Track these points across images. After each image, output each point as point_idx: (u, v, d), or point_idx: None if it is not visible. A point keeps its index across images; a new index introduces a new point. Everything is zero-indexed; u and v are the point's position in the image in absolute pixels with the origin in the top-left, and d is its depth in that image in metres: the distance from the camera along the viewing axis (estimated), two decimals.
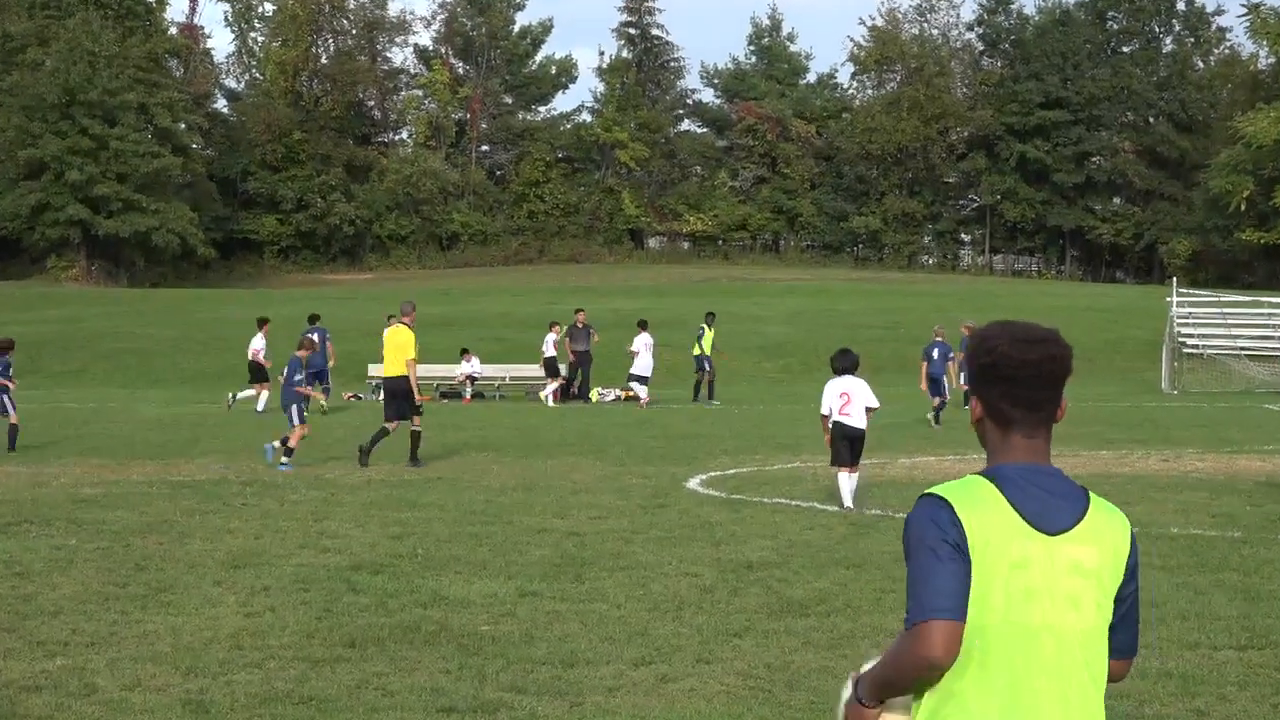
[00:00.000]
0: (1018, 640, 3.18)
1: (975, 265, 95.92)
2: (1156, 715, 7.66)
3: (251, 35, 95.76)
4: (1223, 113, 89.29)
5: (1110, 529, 3.29)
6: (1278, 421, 29.23)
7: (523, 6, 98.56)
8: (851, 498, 15.48)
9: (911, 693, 3.27)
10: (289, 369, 21.06)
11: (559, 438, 24.79)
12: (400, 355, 20.24)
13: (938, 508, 3.21)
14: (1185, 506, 15.47)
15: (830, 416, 15.56)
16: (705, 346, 35.55)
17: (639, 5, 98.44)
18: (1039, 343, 3.31)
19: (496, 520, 14.48)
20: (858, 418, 15.53)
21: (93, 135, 75.81)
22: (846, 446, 15.48)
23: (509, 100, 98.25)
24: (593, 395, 36.54)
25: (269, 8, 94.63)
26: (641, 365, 34.75)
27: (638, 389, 34.75)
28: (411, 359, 20.15)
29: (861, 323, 51.67)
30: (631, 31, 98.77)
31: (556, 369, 36.18)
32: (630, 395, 35.17)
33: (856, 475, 15.65)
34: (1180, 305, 44.58)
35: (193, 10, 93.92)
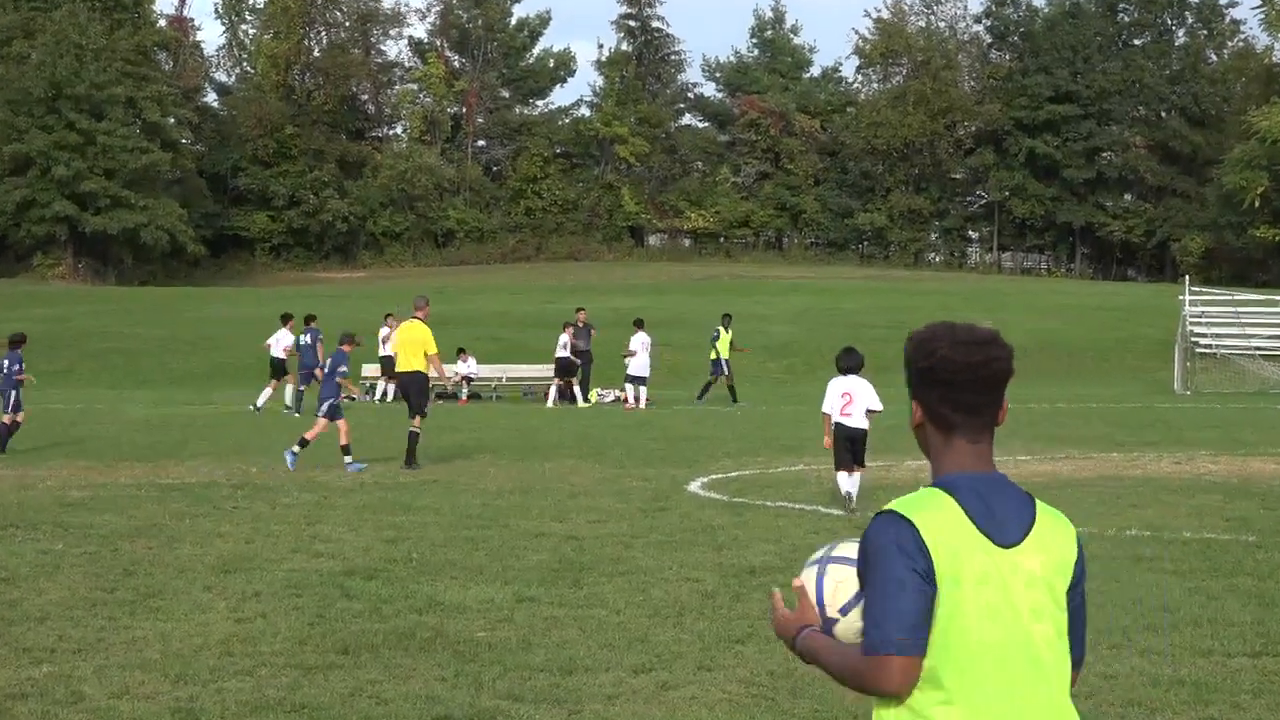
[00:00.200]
0: (985, 658, 3.18)
1: (983, 263, 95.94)
2: None
3: (242, 27, 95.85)
4: (1236, 107, 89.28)
5: (1057, 536, 3.31)
6: None
7: None
8: (854, 498, 15.56)
9: None
10: (333, 362, 21.08)
11: (557, 439, 24.79)
12: (416, 350, 20.67)
13: (901, 528, 3.19)
14: (1198, 510, 15.47)
15: (832, 416, 15.66)
16: (722, 349, 35.70)
17: None
18: (980, 345, 3.31)
19: (493, 524, 14.48)
20: (859, 418, 15.67)
21: (80, 130, 75.81)
22: (847, 448, 15.57)
23: (506, 94, 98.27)
24: (591, 396, 36.54)
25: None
26: (639, 365, 34.75)
27: (630, 390, 34.73)
28: (434, 353, 20.77)
29: (867, 322, 51.67)
30: (631, 24, 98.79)
31: (570, 369, 36.24)
32: (629, 397, 35.08)
33: (859, 475, 15.75)
34: (1193, 304, 44.59)
35: (182, 2, 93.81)
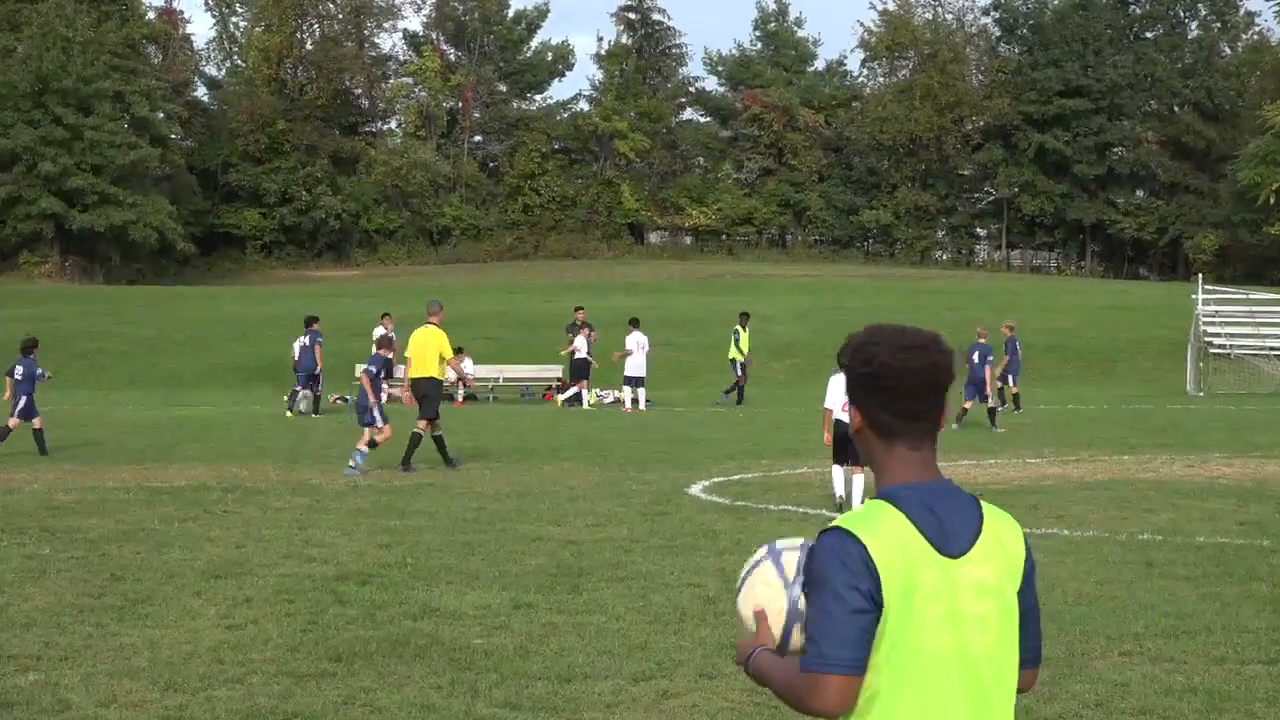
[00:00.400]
0: (932, 671, 3.19)
1: (991, 261, 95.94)
2: None
3: (233, 20, 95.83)
4: (1251, 101, 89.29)
5: (1006, 540, 3.32)
6: None
7: None
8: (860, 498, 15.66)
9: None
10: (370, 364, 21.23)
11: (555, 442, 24.80)
12: (432, 355, 21.02)
13: (848, 546, 3.19)
14: (1211, 514, 15.47)
15: (834, 411, 15.80)
16: (744, 349, 35.87)
17: None
18: (920, 350, 3.31)
19: (490, 528, 14.48)
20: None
21: (67, 125, 75.79)
22: (847, 445, 15.65)
23: (503, 88, 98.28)
24: (590, 397, 36.55)
25: None
26: (635, 366, 34.75)
27: (628, 392, 34.73)
28: (451, 358, 21.43)
29: (872, 321, 51.56)
30: (631, 16, 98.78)
31: (587, 371, 36.30)
32: (633, 399, 35.03)
33: (861, 476, 15.82)
34: (1206, 303, 44.58)
35: None
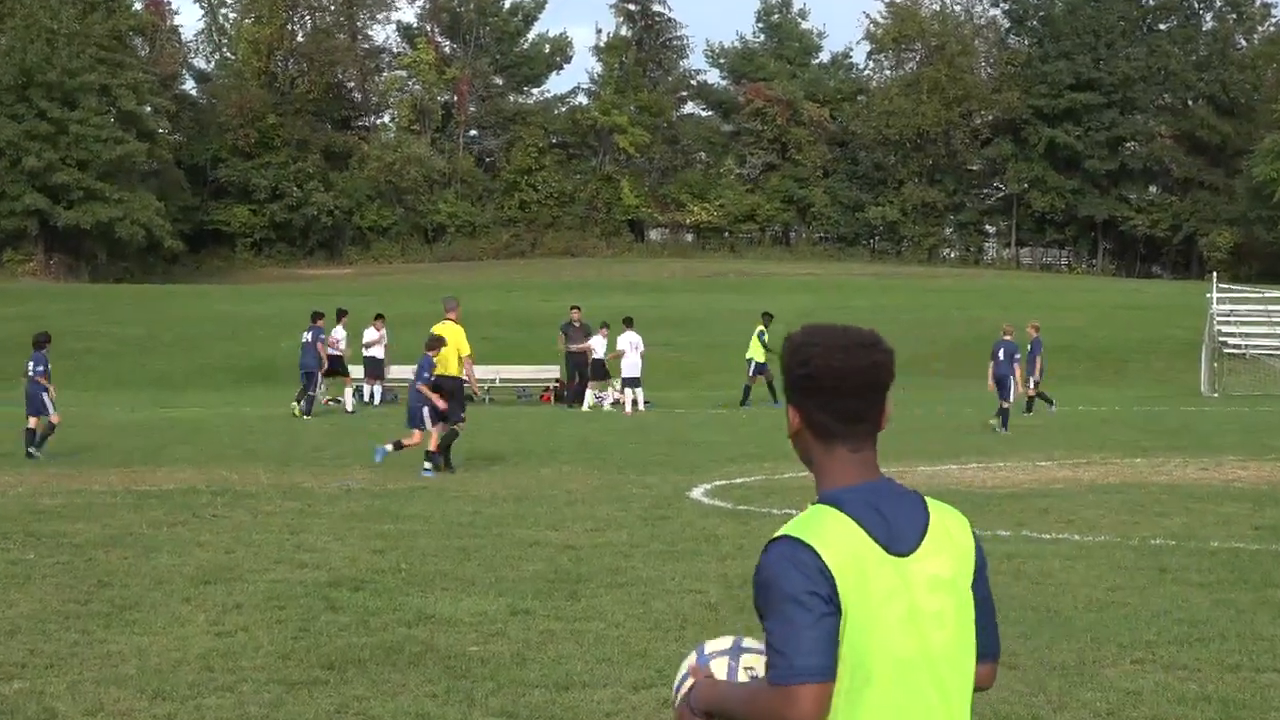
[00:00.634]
0: (897, 673, 3.21)
1: (1000, 259, 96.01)
2: None
3: (222, 11, 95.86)
4: (1267, 95, 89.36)
5: (955, 533, 3.35)
6: None
7: None
8: None
9: None
10: (420, 368, 21.06)
11: (553, 444, 24.81)
12: (450, 352, 21.01)
13: (801, 553, 3.19)
14: (1226, 518, 15.48)
15: None
16: (755, 350, 35.92)
17: None
18: (859, 349, 3.31)
19: (486, 533, 14.49)
20: None
21: (51, 119, 75.82)
22: None
23: (499, 81, 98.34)
24: (590, 399, 36.54)
25: None
26: (630, 366, 34.77)
27: (628, 394, 34.74)
28: (468, 355, 21.30)
29: (879, 321, 51.38)
30: (631, 7, 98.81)
31: (604, 372, 36.31)
32: (635, 400, 35.00)
33: None
34: (1221, 302, 44.57)
35: None
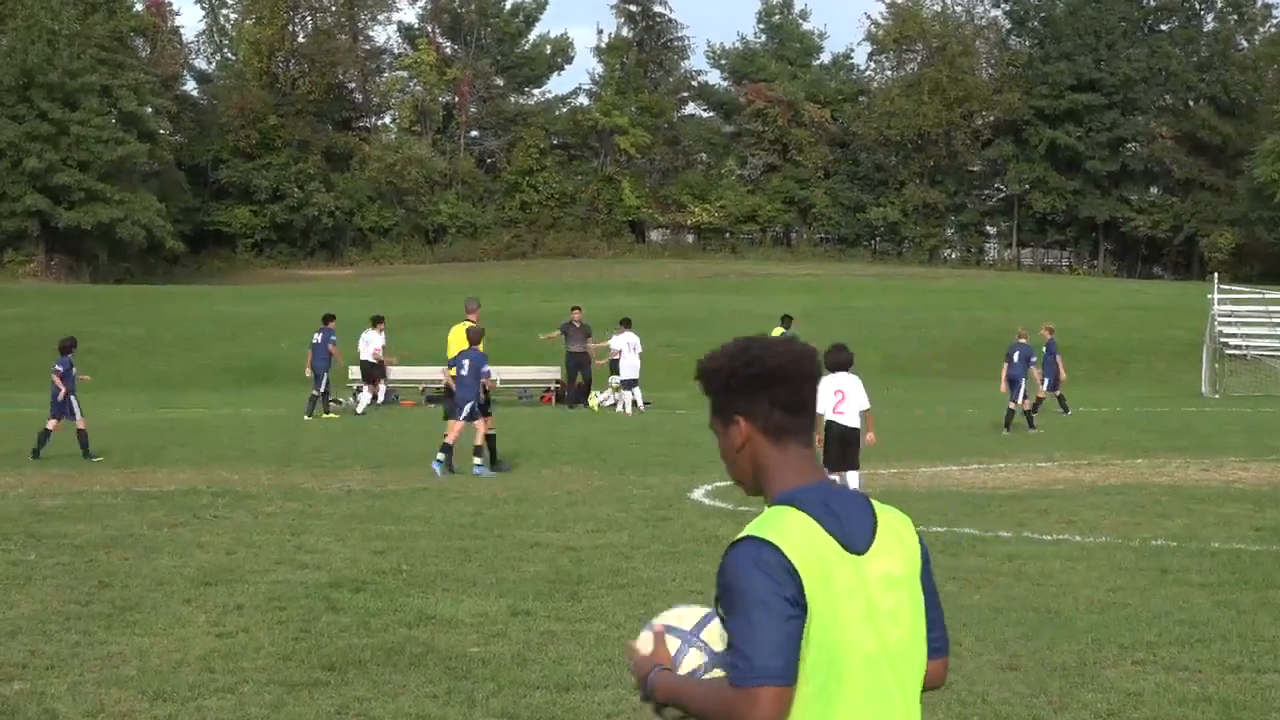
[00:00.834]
0: (865, 670, 3.24)
1: (1001, 259, 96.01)
2: None
3: (223, 12, 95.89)
4: (1268, 95, 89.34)
5: (902, 531, 3.40)
6: None
7: None
8: None
9: None
10: (473, 364, 20.82)
11: (554, 445, 24.81)
12: None
13: (766, 553, 3.20)
14: (1227, 519, 15.48)
15: (824, 416, 15.94)
16: None
17: None
18: (790, 343, 3.43)
19: (487, 534, 14.50)
20: (851, 416, 16.04)
21: (52, 120, 75.82)
22: (839, 448, 15.81)
23: (500, 82, 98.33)
24: (591, 400, 36.54)
25: None
26: (628, 368, 34.74)
27: (627, 396, 34.72)
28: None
29: (879, 321, 51.67)
30: (632, 8, 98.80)
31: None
32: (634, 401, 34.97)
33: (857, 477, 15.93)
34: (1222, 303, 44.56)
35: None
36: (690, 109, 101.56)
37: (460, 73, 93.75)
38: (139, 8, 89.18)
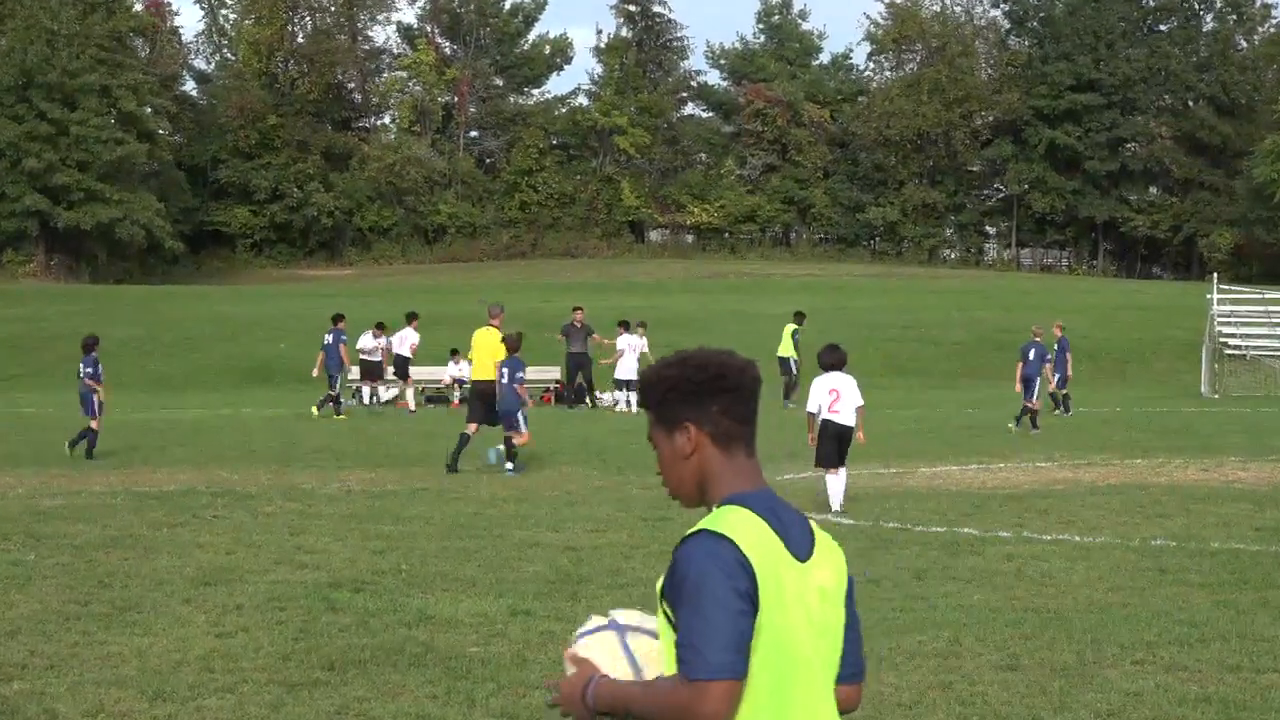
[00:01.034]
0: (803, 675, 3.26)
1: (1001, 259, 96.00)
2: None
3: (222, 13, 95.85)
4: (1268, 95, 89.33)
5: (834, 549, 3.44)
6: None
7: None
8: (840, 500, 16.04)
9: None
10: (512, 369, 20.97)
11: (554, 445, 24.80)
12: (491, 358, 21.26)
13: (722, 548, 3.22)
14: (1226, 519, 15.48)
15: (819, 415, 16.13)
16: (787, 348, 35.88)
17: None
18: (734, 355, 3.47)
19: (486, 534, 14.50)
20: (847, 415, 16.18)
21: (51, 120, 75.81)
22: (834, 446, 16.04)
23: (500, 82, 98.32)
24: (600, 402, 36.55)
25: None
26: (626, 369, 34.74)
27: (623, 396, 34.74)
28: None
29: (879, 322, 51.64)
30: (631, 8, 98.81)
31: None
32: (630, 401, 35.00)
33: (844, 475, 16.07)
34: (1221, 303, 44.55)
35: None
36: (690, 109, 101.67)
37: (460, 73, 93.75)
38: (138, 8, 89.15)
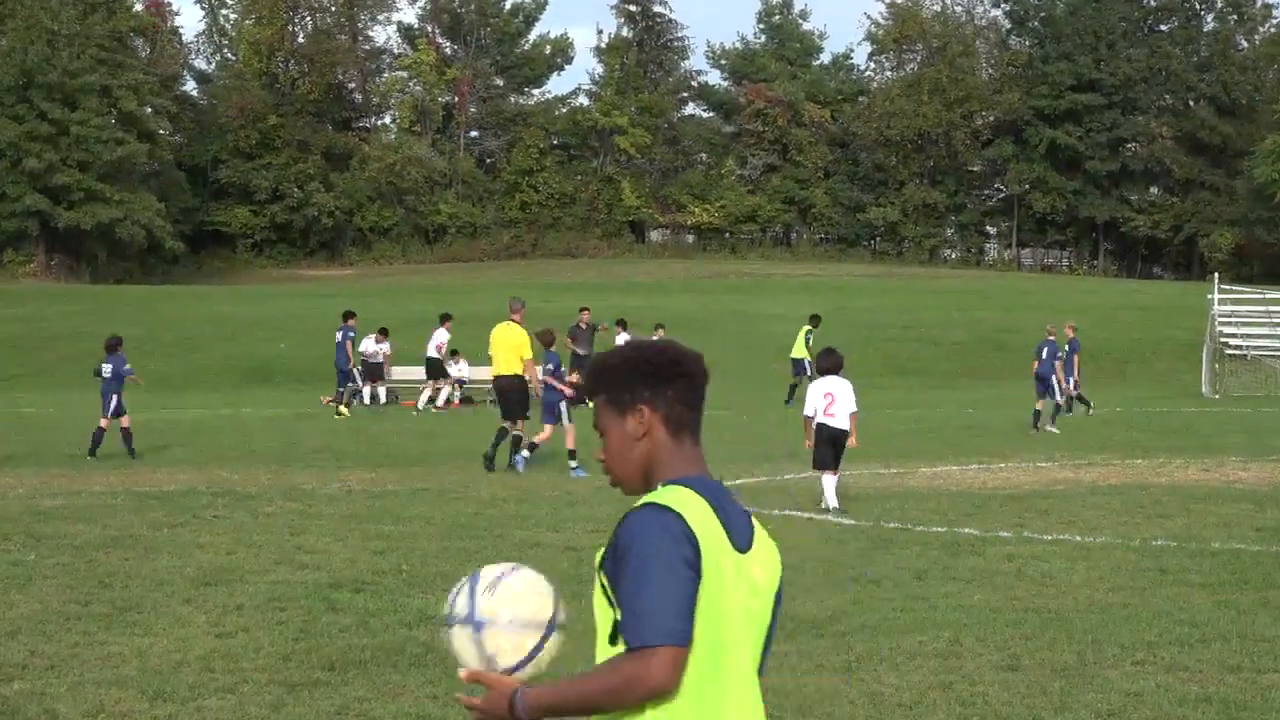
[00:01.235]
0: (733, 657, 3.28)
1: (1001, 260, 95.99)
2: None
3: (223, 13, 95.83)
4: (1268, 96, 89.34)
5: (772, 547, 3.47)
6: None
7: None
8: (835, 500, 16.18)
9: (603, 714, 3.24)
10: (546, 362, 21.26)
11: (554, 445, 24.79)
12: (513, 354, 21.36)
13: (670, 519, 3.24)
14: (1227, 519, 15.48)
15: (814, 418, 16.35)
16: (799, 349, 35.97)
17: None
18: (682, 345, 3.56)
19: (487, 534, 14.49)
20: (841, 419, 16.35)
21: (52, 120, 75.80)
22: (830, 449, 16.18)
23: (500, 82, 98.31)
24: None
25: None
26: None
27: None
28: (529, 359, 21.41)
29: (879, 322, 51.65)
30: (632, 8, 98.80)
31: None
32: None
33: (837, 476, 16.21)
34: (1222, 303, 44.55)
35: None
36: (690, 109, 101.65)
37: (460, 73, 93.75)
38: (139, 8, 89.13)
